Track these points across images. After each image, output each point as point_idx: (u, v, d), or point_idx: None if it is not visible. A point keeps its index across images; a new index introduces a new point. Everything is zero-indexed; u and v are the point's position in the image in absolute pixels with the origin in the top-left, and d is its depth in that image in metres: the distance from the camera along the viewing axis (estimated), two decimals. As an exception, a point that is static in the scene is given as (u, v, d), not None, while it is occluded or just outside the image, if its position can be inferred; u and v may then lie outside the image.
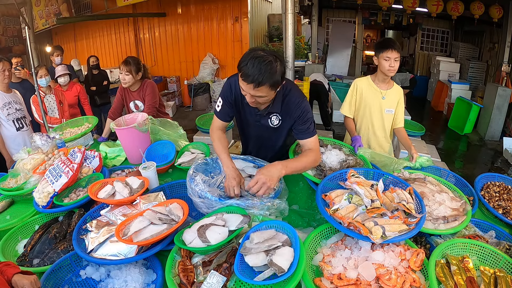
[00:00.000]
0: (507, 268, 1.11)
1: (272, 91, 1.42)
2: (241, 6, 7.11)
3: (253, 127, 1.76)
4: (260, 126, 1.70)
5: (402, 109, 2.26)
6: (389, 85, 2.24)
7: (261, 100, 1.45)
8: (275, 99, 1.58)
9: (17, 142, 2.84)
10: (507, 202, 1.56)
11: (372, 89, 2.24)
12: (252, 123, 1.74)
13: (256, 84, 1.33)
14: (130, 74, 2.58)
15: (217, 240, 1.13)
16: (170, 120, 2.41)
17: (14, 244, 1.43)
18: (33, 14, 6.87)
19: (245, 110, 1.70)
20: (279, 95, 1.57)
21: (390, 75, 2.12)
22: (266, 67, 1.32)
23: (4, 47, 7.71)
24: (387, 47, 2.06)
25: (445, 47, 8.62)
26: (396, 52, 2.05)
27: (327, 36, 8.80)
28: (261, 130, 1.74)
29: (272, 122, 1.67)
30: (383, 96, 2.21)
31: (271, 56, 1.35)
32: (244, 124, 1.79)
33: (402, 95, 2.26)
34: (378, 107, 2.23)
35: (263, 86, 1.35)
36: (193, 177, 1.48)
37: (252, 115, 1.68)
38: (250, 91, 1.38)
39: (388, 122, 2.28)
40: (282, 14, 3.11)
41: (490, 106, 5.48)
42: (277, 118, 1.65)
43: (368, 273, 1.05)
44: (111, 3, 6.71)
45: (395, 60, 2.06)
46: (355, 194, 1.32)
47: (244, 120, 1.76)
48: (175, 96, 7.75)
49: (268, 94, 1.42)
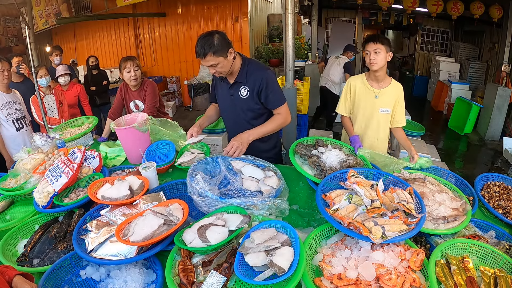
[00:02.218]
0: (507, 268, 1.11)
1: (220, 57, 1.73)
2: (241, 6, 7.11)
3: (228, 102, 2.03)
4: (234, 99, 1.98)
5: (401, 109, 2.19)
6: (385, 83, 2.16)
7: (218, 68, 1.77)
8: (239, 72, 1.89)
9: (17, 142, 2.84)
10: (507, 202, 1.56)
11: (365, 88, 2.19)
12: (227, 98, 2.02)
13: (202, 56, 1.70)
14: (139, 68, 2.63)
15: (217, 240, 1.13)
16: (170, 120, 2.41)
17: (14, 244, 1.43)
18: (33, 14, 6.88)
19: (222, 87, 2.02)
20: (244, 69, 1.89)
21: (373, 68, 2.07)
22: (205, 41, 1.68)
23: (4, 47, 7.70)
24: (367, 41, 2.06)
25: (445, 47, 8.62)
26: (374, 44, 2.02)
27: (327, 36, 8.80)
28: (235, 104, 1.99)
29: (241, 94, 1.94)
30: (376, 95, 2.16)
31: (209, 33, 1.72)
32: (222, 102, 2.08)
33: (401, 93, 2.18)
34: (371, 107, 2.19)
35: (208, 55, 1.69)
36: (193, 175, 1.48)
37: (226, 89, 1.99)
38: (204, 63, 1.74)
39: (384, 122, 2.21)
40: (282, 14, 3.12)
41: (490, 106, 5.48)
42: (245, 89, 1.93)
43: (368, 273, 1.05)
44: (111, 3, 6.71)
45: (375, 52, 2.02)
46: (355, 194, 1.32)
47: (221, 97, 2.07)
48: (175, 96, 7.75)
49: (218, 61, 1.73)
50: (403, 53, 10.79)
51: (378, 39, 2.02)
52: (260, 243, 1.10)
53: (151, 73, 8.20)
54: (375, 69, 2.08)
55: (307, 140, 1.93)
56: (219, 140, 3.35)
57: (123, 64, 2.59)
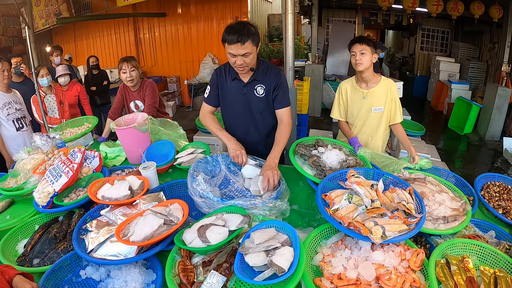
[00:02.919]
0: (507, 268, 1.11)
1: (254, 47, 1.67)
2: (241, 6, 7.11)
3: (241, 102, 1.92)
4: (248, 99, 1.89)
5: (395, 104, 2.18)
6: (373, 83, 2.17)
7: (248, 59, 1.68)
8: (257, 69, 1.82)
9: (17, 142, 2.84)
10: (507, 202, 1.56)
11: (354, 90, 2.23)
12: (239, 98, 1.91)
13: (242, 41, 1.60)
14: (136, 69, 2.59)
15: (217, 240, 1.13)
16: (170, 120, 2.41)
17: (14, 244, 1.43)
18: (33, 14, 6.87)
19: (232, 87, 1.90)
20: (260, 66, 1.84)
21: (359, 69, 2.09)
22: (244, 27, 1.61)
23: (4, 47, 7.70)
24: (352, 42, 2.08)
25: (445, 47, 8.61)
26: (360, 44, 2.04)
27: (327, 36, 8.79)
28: (249, 104, 1.91)
29: (257, 92, 1.87)
30: (364, 95, 2.18)
31: (243, 22, 1.66)
32: (232, 102, 1.95)
33: (393, 88, 2.17)
34: (362, 107, 2.21)
35: (247, 42, 1.61)
36: (194, 176, 1.48)
37: (239, 88, 1.88)
38: (239, 51, 1.63)
39: (379, 120, 2.21)
40: (282, 14, 3.11)
41: (490, 106, 5.47)
42: (262, 87, 1.86)
43: (368, 273, 1.05)
44: (111, 3, 6.71)
45: (361, 53, 2.04)
46: (355, 194, 1.32)
47: (231, 98, 1.93)
48: (175, 96, 7.75)
49: (252, 50, 1.66)
50: (403, 53, 10.79)
51: (364, 40, 2.05)
52: (260, 243, 1.10)
53: (151, 73, 8.20)
54: (361, 70, 2.10)
55: (307, 140, 1.93)
56: (219, 140, 3.34)
57: (119, 65, 2.59)
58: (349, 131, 2.28)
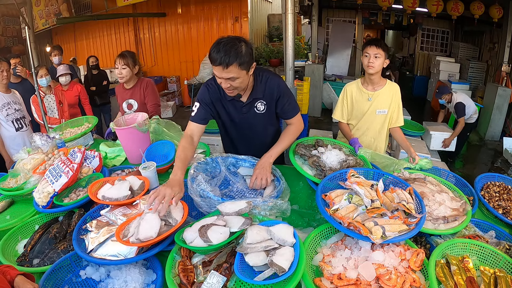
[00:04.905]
0: (507, 268, 1.11)
1: (243, 71, 1.46)
2: (241, 6, 7.12)
3: (239, 122, 1.80)
4: (248, 116, 1.75)
5: (397, 108, 2.22)
6: (379, 86, 2.20)
7: (236, 83, 1.49)
8: (255, 86, 1.66)
9: (16, 142, 2.84)
10: (507, 202, 1.56)
11: (360, 92, 2.24)
12: (238, 118, 1.77)
13: (224, 65, 1.41)
14: (128, 67, 2.52)
15: (219, 240, 1.12)
16: (175, 123, 2.39)
17: (14, 244, 1.43)
18: (33, 14, 6.87)
19: (228, 106, 1.73)
20: (258, 81, 1.66)
21: (369, 71, 2.10)
22: (231, 48, 1.40)
23: (4, 47, 7.70)
24: (369, 43, 2.07)
25: (445, 47, 8.61)
26: (376, 48, 2.03)
27: (327, 36, 8.79)
28: (248, 123, 1.78)
29: (258, 109, 1.73)
30: (369, 97, 2.20)
31: (234, 39, 1.44)
32: (229, 122, 1.82)
33: (397, 92, 2.21)
34: (367, 110, 2.22)
35: (232, 66, 1.41)
36: (194, 176, 1.47)
37: (238, 108, 1.73)
38: (222, 74, 1.45)
39: (382, 123, 2.24)
40: (282, 14, 3.11)
41: (490, 106, 5.48)
42: (262, 103, 1.72)
43: (368, 273, 1.05)
44: (111, 3, 6.71)
45: (374, 57, 2.04)
46: (355, 194, 1.32)
47: (228, 118, 1.79)
48: (175, 96, 7.76)
49: (240, 74, 1.46)
50: (403, 53, 10.79)
51: (380, 45, 2.05)
52: (258, 242, 1.10)
53: (151, 73, 8.21)
54: (371, 73, 2.11)
55: (307, 140, 1.93)
56: (219, 140, 3.34)
57: (116, 60, 2.53)
58: (349, 132, 2.29)
